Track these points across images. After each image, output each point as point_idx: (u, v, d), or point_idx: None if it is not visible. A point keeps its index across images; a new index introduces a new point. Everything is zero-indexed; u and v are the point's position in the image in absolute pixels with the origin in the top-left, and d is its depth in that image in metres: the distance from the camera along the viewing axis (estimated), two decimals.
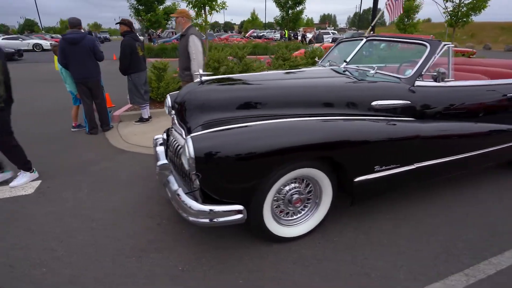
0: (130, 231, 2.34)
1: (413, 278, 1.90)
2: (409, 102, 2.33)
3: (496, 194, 2.91)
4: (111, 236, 2.30)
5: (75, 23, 4.22)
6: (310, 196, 2.21)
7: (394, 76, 2.49)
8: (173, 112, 2.54)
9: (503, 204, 2.74)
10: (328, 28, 47.92)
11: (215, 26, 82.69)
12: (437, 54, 2.40)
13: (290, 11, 22.36)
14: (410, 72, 2.43)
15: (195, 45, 3.72)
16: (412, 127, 2.27)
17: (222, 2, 7.08)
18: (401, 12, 6.00)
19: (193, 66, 3.78)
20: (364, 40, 2.94)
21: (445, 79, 2.37)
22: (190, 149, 1.74)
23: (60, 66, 4.25)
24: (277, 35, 28.72)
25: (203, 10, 6.90)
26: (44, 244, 2.21)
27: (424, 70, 2.38)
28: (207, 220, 1.86)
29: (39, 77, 10.24)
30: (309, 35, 26.02)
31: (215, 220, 1.87)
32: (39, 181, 3.12)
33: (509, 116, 2.79)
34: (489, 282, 1.88)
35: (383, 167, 2.18)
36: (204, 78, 2.35)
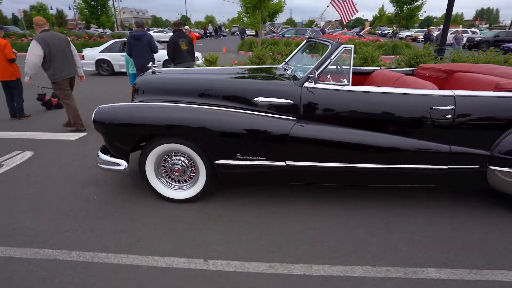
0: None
1: (230, 256, 2.15)
2: (291, 101, 2.42)
3: (421, 213, 2.57)
4: (94, 173, 3.39)
5: (140, 24, 5.68)
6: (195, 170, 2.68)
7: (293, 76, 2.56)
8: None
9: (413, 227, 2.40)
10: (480, 25, 38.79)
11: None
12: (334, 57, 2.34)
13: (404, 7, 19.80)
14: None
15: (30, 48, 4.18)
16: (284, 126, 2.36)
17: (279, 2, 7.43)
18: (355, 13, 5.07)
19: (25, 68, 4.17)
20: (305, 41, 3.00)
21: (316, 81, 2.31)
22: (93, 115, 2.56)
23: (126, 55, 5.81)
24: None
25: (257, 11, 7.49)
26: (44, 167, 3.52)
27: (319, 72, 2.38)
28: (105, 166, 2.67)
29: None
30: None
31: (108, 167, 2.65)
32: (86, 133, 4.64)
33: (417, 131, 2.36)
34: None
35: (246, 157, 2.41)
36: (156, 69, 3.11)
